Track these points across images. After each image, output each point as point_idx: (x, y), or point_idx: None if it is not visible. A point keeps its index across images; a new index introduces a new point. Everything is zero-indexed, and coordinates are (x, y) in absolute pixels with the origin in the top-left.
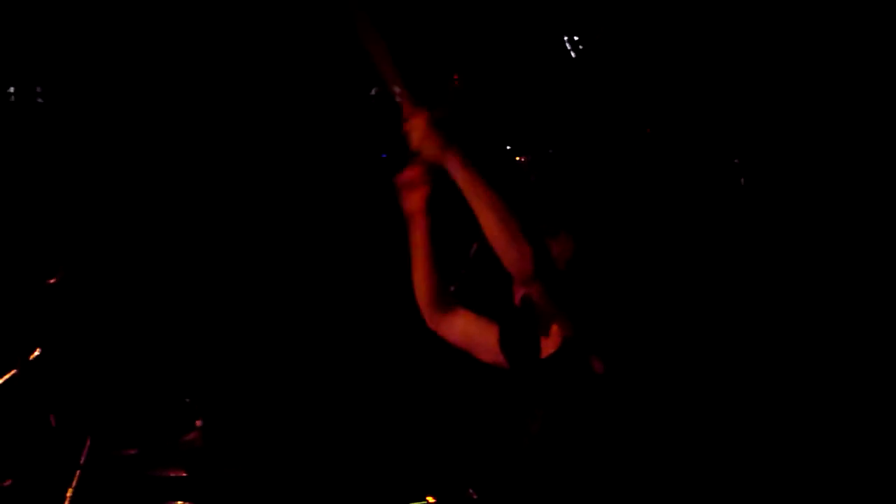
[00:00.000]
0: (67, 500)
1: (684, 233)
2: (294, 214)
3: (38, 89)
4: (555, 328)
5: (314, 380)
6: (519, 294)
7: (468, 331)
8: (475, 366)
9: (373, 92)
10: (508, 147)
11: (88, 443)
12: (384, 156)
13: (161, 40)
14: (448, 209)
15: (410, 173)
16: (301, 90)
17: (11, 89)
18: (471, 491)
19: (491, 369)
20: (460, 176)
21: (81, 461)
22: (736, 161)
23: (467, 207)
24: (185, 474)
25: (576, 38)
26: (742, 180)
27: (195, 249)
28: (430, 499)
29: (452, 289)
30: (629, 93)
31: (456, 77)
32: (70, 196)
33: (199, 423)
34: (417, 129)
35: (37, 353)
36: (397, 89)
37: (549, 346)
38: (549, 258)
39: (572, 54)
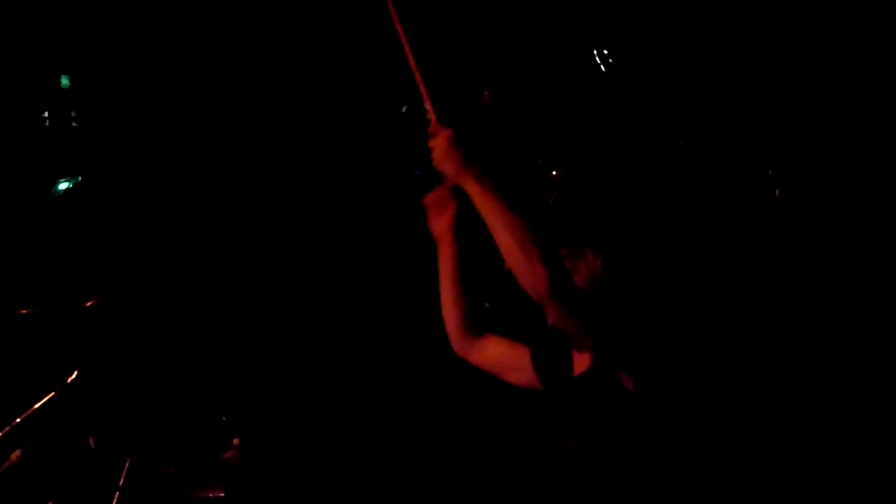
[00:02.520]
0: None
1: (712, 248)
2: (329, 234)
3: (73, 114)
4: (585, 345)
5: (353, 401)
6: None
7: (499, 355)
8: (509, 387)
9: (404, 109)
10: (539, 161)
11: (128, 464)
12: (416, 173)
13: (195, 57)
14: (477, 229)
15: (437, 193)
16: (335, 106)
17: (46, 114)
18: None
19: (524, 391)
20: (477, 195)
21: (121, 482)
22: (770, 172)
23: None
24: (222, 494)
25: (605, 51)
26: (777, 192)
27: (233, 273)
28: None
29: (487, 305)
30: (659, 106)
31: (486, 93)
32: (105, 218)
33: (236, 441)
34: (439, 148)
35: (74, 375)
36: (427, 106)
37: (581, 363)
38: (568, 279)
39: (602, 68)
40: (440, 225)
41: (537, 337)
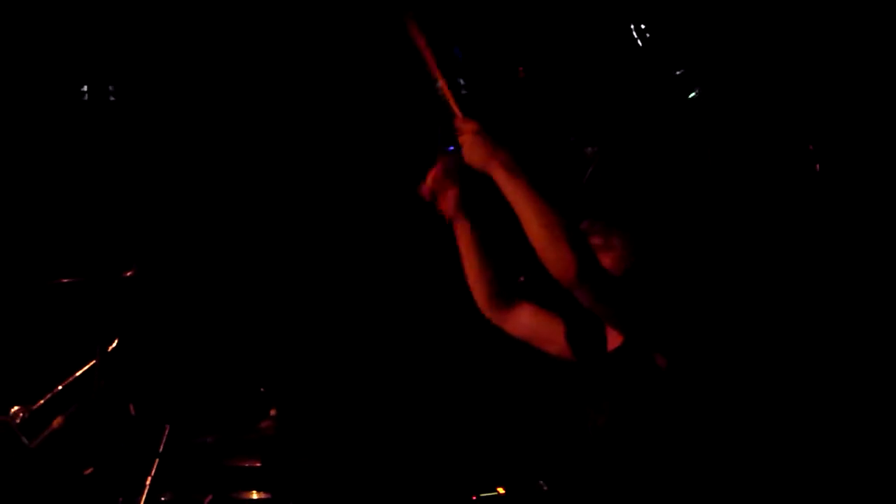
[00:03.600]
0: (147, 487)
1: (748, 224)
2: (365, 209)
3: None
4: (617, 327)
5: (386, 369)
6: None
7: (533, 324)
8: (543, 358)
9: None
10: (573, 139)
11: (167, 431)
12: (451, 148)
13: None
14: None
15: (432, 178)
16: (370, 82)
17: (84, 87)
18: (541, 482)
19: (558, 361)
20: (504, 183)
21: (160, 449)
22: (810, 147)
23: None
24: (259, 464)
25: (643, 26)
26: (817, 167)
27: (273, 244)
28: (500, 490)
29: (522, 279)
30: (695, 83)
31: (521, 69)
32: (145, 189)
33: (273, 412)
34: (466, 143)
35: (115, 344)
36: (450, 104)
37: (615, 339)
38: (596, 264)
39: (639, 43)
40: (448, 206)
41: (571, 312)
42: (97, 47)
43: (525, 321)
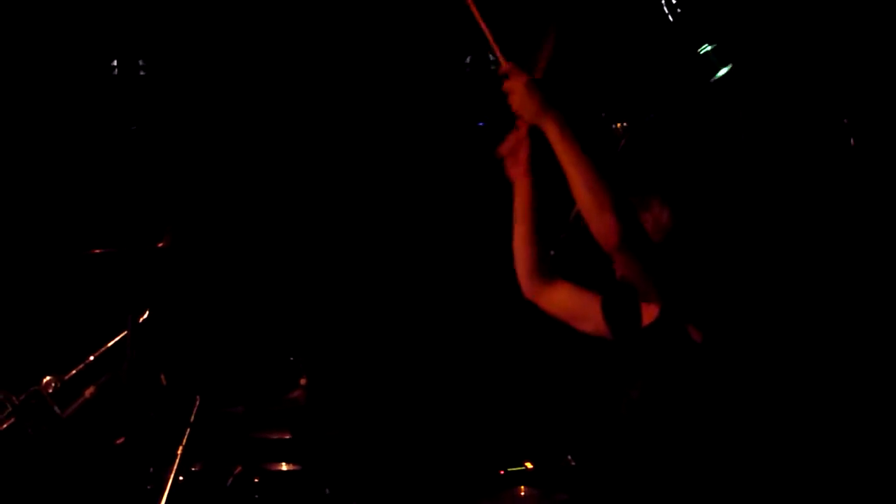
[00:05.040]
0: (178, 457)
1: (784, 198)
2: (395, 189)
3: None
4: (654, 297)
5: (416, 342)
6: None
7: (569, 302)
8: (573, 334)
9: (468, 60)
10: (604, 114)
11: (197, 402)
12: (481, 124)
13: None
14: (549, 176)
15: (511, 140)
16: (396, 63)
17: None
18: (569, 457)
19: (590, 337)
20: (556, 140)
21: (191, 419)
22: (845, 121)
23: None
24: (288, 435)
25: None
26: (852, 141)
27: (304, 216)
28: (528, 464)
29: (552, 253)
30: (729, 57)
31: (554, 30)
32: (178, 161)
33: (303, 381)
34: (517, 92)
35: (146, 314)
36: (496, 53)
37: (650, 314)
38: (639, 231)
39: (670, 18)
40: (516, 170)
41: (606, 286)
42: (128, 24)
43: (563, 297)
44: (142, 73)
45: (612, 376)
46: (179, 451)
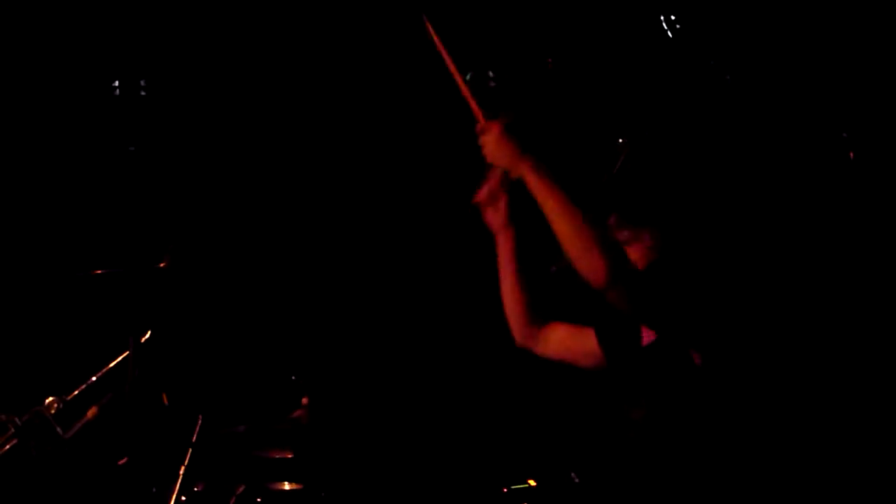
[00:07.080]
0: (180, 477)
1: (780, 216)
2: (395, 210)
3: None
4: (649, 325)
5: (420, 359)
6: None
7: (568, 342)
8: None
9: (468, 77)
10: (602, 131)
11: (200, 422)
12: None
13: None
14: (532, 218)
15: (486, 189)
16: (395, 81)
17: (116, 83)
18: (573, 475)
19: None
20: (534, 186)
21: (193, 439)
22: (844, 135)
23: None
24: (291, 454)
25: (672, 17)
26: (851, 154)
27: (304, 235)
28: (531, 482)
29: (554, 269)
30: (727, 71)
31: (550, 60)
32: (177, 180)
33: (305, 400)
34: (489, 143)
35: (148, 335)
36: (472, 107)
37: (649, 334)
38: (627, 266)
39: (669, 34)
40: (496, 219)
41: (601, 310)
42: (128, 43)
43: (560, 337)
44: (143, 93)
45: (612, 393)
46: (182, 471)
